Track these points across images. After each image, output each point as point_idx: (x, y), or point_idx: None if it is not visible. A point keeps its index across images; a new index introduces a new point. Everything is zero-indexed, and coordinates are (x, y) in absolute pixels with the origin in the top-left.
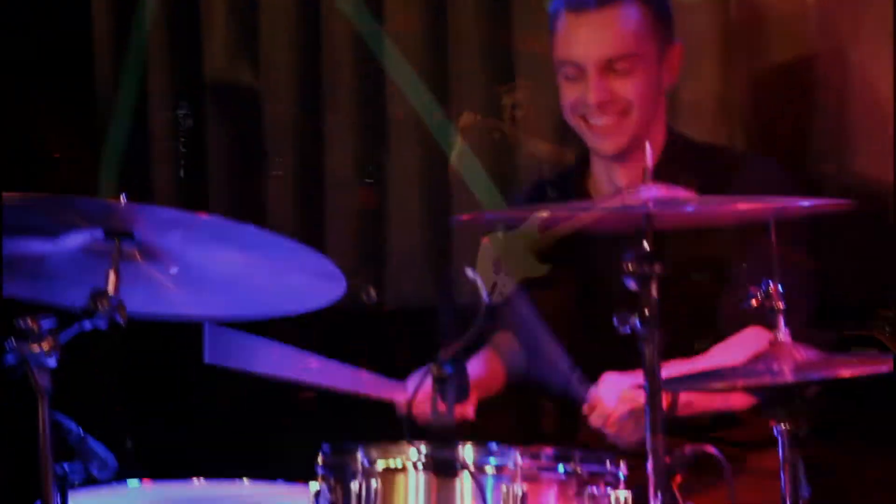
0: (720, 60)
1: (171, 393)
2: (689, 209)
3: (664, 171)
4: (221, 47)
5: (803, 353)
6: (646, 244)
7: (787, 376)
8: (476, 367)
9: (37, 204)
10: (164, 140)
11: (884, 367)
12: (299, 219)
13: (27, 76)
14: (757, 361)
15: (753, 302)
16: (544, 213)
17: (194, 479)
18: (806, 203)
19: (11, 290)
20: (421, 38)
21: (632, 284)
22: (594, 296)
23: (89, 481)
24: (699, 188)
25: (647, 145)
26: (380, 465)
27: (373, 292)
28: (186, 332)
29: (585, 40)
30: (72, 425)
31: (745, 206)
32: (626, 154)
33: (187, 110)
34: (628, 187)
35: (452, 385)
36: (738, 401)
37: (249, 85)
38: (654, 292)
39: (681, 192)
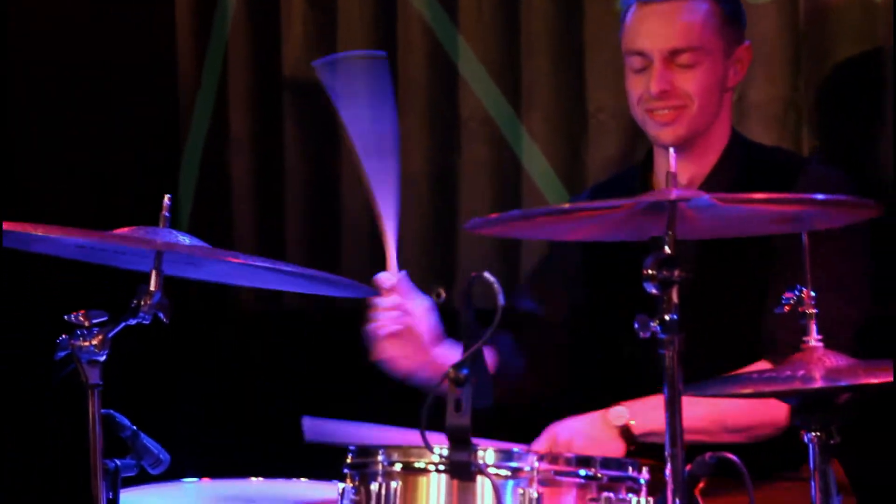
0: (789, 63)
1: (218, 392)
2: (708, 201)
3: (725, 172)
4: (300, 48)
5: (834, 360)
6: (667, 248)
7: (818, 382)
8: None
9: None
10: (242, 140)
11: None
12: (373, 218)
13: (113, 77)
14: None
15: (786, 308)
16: (565, 207)
17: (251, 477)
18: (820, 197)
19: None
20: (494, 37)
21: (652, 289)
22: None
23: (144, 477)
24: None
25: (671, 151)
26: (399, 466)
27: (443, 293)
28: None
29: (652, 30)
30: (124, 421)
31: (760, 196)
32: (686, 146)
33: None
34: (689, 182)
35: (469, 388)
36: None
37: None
38: (675, 297)
39: (704, 193)
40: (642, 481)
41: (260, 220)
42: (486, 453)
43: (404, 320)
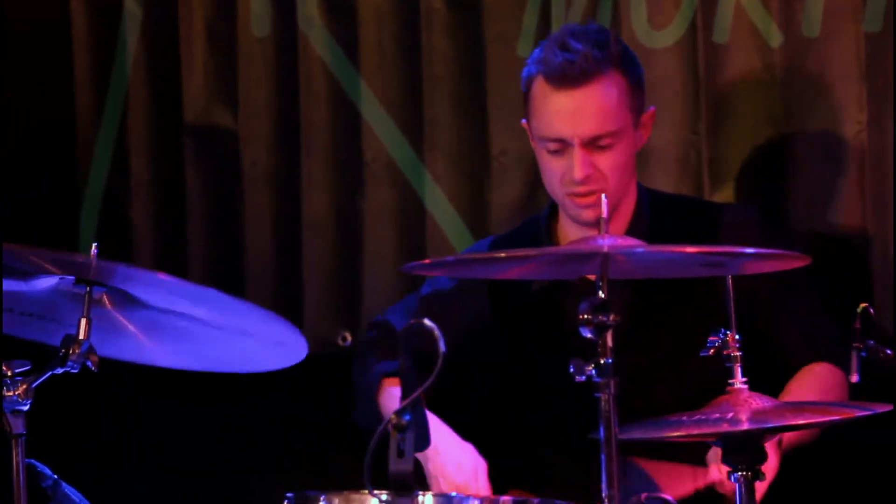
0: (689, 107)
1: (141, 440)
2: (640, 251)
3: (640, 225)
4: (201, 91)
5: (759, 401)
6: (601, 293)
7: (744, 424)
8: None
9: (10, 253)
10: (143, 184)
11: (838, 417)
12: (277, 260)
13: (10, 124)
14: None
15: (711, 351)
16: (501, 255)
17: None
18: (749, 251)
19: None
20: (396, 82)
21: (587, 333)
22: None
23: None
24: (676, 240)
25: (603, 196)
26: None
27: (348, 336)
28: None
29: (569, 118)
30: (46, 470)
31: (693, 250)
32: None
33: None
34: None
35: (412, 433)
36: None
37: (227, 127)
38: (610, 341)
39: (634, 241)
40: None
41: (162, 264)
42: (427, 498)
43: None
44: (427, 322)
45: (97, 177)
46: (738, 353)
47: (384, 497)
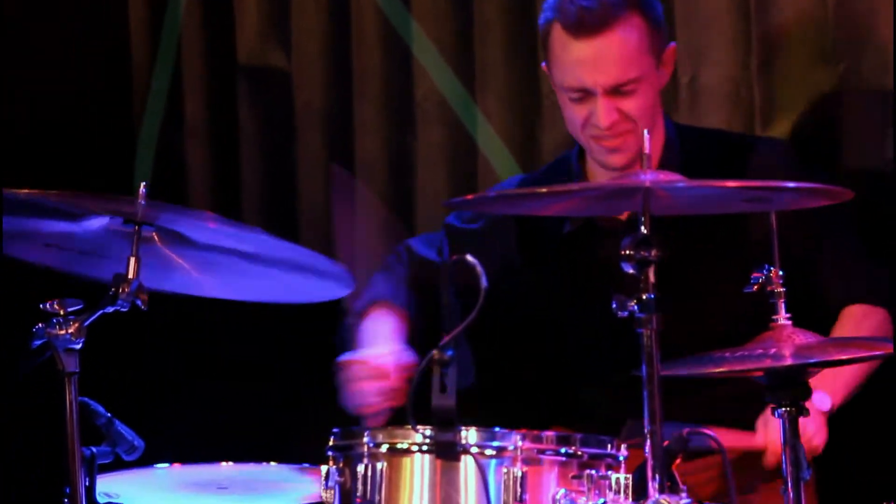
0: (739, 43)
1: (193, 376)
2: (681, 185)
3: (671, 161)
4: (254, 32)
5: (802, 337)
6: (643, 228)
7: (788, 360)
8: None
9: (57, 198)
10: (198, 126)
11: (882, 352)
12: (329, 202)
13: (67, 68)
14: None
15: (755, 287)
16: (542, 191)
17: (222, 462)
18: (791, 185)
19: (46, 261)
20: (447, 23)
21: (629, 269)
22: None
23: (118, 464)
24: (705, 174)
25: (645, 133)
26: (384, 447)
27: None
28: (209, 315)
29: (591, 67)
30: (99, 408)
31: (734, 184)
32: (632, 165)
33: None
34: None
35: (454, 369)
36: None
37: (281, 69)
38: (652, 277)
39: (675, 176)
40: (621, 458)
41: (216, 206)
42: (470, 433)
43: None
44: (469, 257)
45: (152, 120)
46: (781, 290)
47: (427, 432)
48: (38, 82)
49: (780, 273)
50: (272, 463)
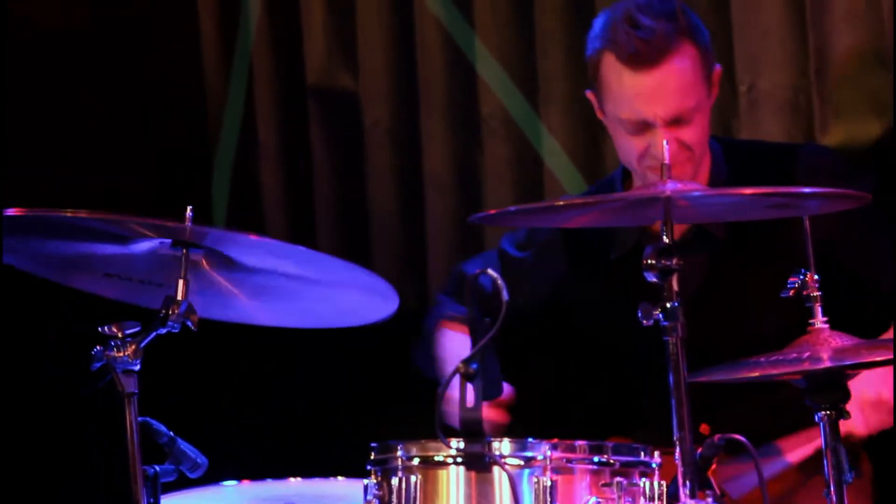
0: (797, 51)
1: (248, 394)
2: (698, 194)
3: (717, 179)
4: (322, 55)
5: (839, 340)
6: (665, 237)
7: (826, 363)
8: None
9: (108, 221)
10: (271, 148)
11: None
12: (401, 217)
13: (143, 94)
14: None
15: (791, 292)
16: (560, 203)
17: (290, 477)
18: (808, 191)
19: (107, 293)
20: (509, 37)
21: (652, 278)
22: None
23: (183, 482)
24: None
25: (664, 143)
26: (417, 460)
27: None
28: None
29: (651, 100)
30: (161, 427)
31: (749, 191)
32: None
33: None
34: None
35: (479, 382)
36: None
37: (349, 89)
38: (675, 285)
39: (695, 185)
40: (654, 465)
41: (291, 226)
42: (501, 444)
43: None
44: (490, 271)
45: (228, 144)
46: (817, 293)
47: (458, 444)
48: (116, 110)
49: (816, 277)
50: (340, 477)
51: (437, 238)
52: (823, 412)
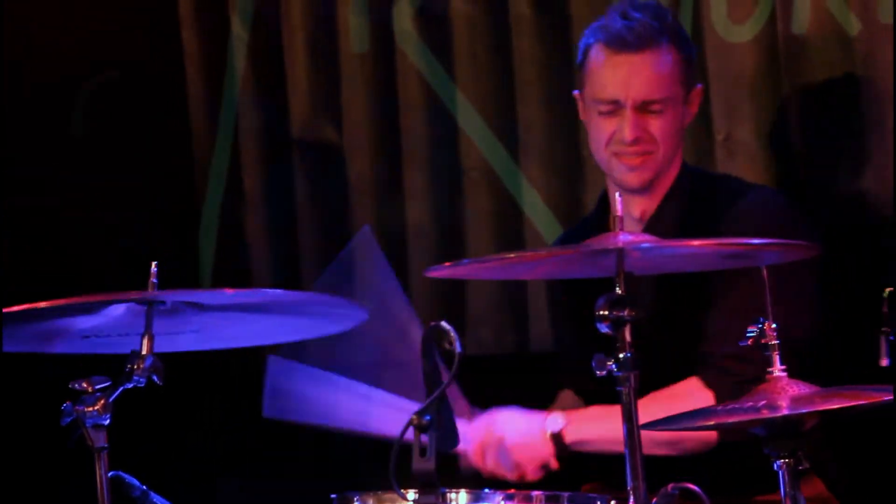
0: (772, 100)
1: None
2: (646, 246)
3: (672, 206)
4: (306, 108)
5: (797, 388)
6: (618, 288)
7: (784, 410)
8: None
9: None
10: (256, 199)
11: (881, 398)
12: None
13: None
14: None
15: (750, 340)
16: (511, 256)
17: None
18: (755, 242)
19: (86, 350)
20: (489, 89)
21: (605, 329)
22: None
23: None
24: (705, 213)
25: (617, 196)
26: None
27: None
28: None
29: (625, 81)
30: (134, 482)
31: (697, 243)
32: (647, 188)
33: None
34: (640, 216)
35: (433, 433)
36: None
37: (332, 142)
38: (628, 336)
39: (649, 237)
40: None
41: (276, 273)
42: (458, 496)
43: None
44: (443, 324)
45: (214, 195)
46: (775, 342)
47: (411, 496)
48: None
49: (774, 326)
50: None
51: (419, 289)
52: (782, 460)
